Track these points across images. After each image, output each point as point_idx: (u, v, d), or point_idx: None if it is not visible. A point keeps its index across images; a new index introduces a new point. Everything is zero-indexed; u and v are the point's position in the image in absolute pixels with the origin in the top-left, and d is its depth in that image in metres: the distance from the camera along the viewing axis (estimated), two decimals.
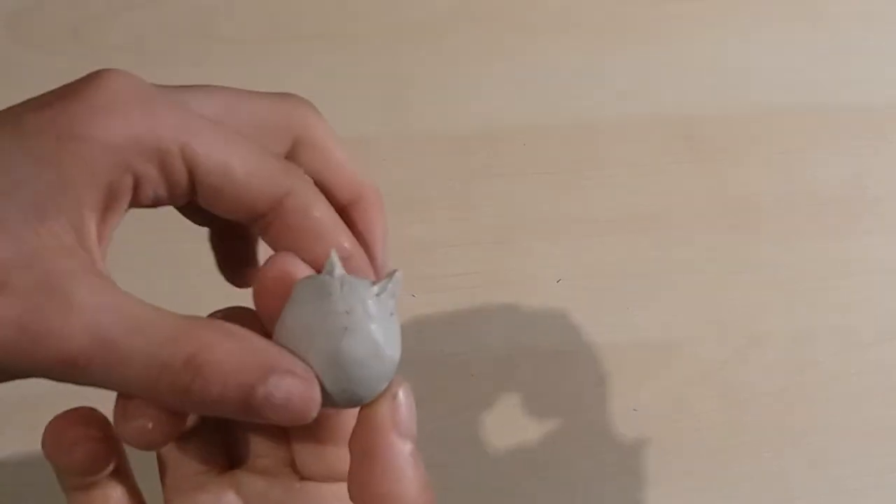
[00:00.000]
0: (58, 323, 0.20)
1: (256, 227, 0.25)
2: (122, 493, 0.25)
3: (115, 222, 0.23)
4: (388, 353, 0.23)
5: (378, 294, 0.23)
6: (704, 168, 0.54)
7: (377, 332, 0.22)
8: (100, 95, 0.22)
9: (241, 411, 0.22)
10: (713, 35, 0.57)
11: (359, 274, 0.24)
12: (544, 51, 0.56)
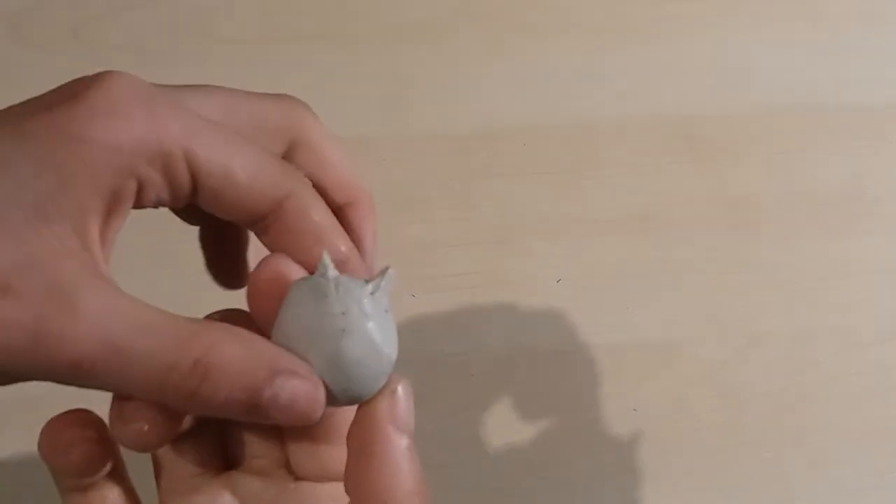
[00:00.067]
0: (65, 327, 0.20)
1: (255, 229, 0.25)
2: (118, 495, 0.25)
3: (118, 225, 0.23)
4: (385, 350, 0.23)
5: (372, 293, 0.23)
6: (704, 168, 0.54)
7: (374, 331, 0.23)
8: (101, 98, 0.22)
9: (246, 413, 0.22)
10: (713, 35, 0.57)
11: (353, 275, 0.24)
12: (544, 51, 0.56)
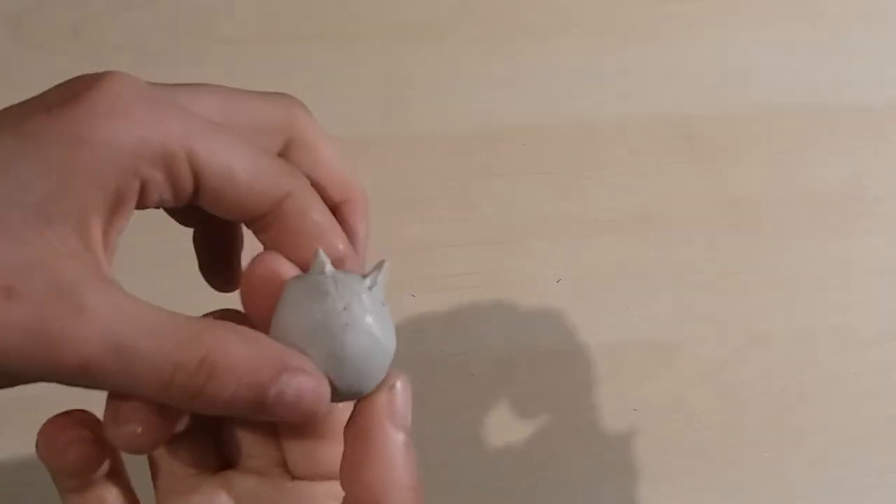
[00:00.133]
0: (70, 329, 0.20)
1: (254, 228, 0.25)
2: (116, 495, 0.25)
3: (121, 226, 0.23)
4: (385, 343, 0.23)
5: (370, 287, 0.23)
6: (704, 168, 0.54)
7: (375, 325, 0.23)
8: (102, 98, 0.22)
9: (252, 410, 0.22)
10: (713, 35, 0.57)
11: (349, 270, 0.24)
12: (544, 51, 0.56)
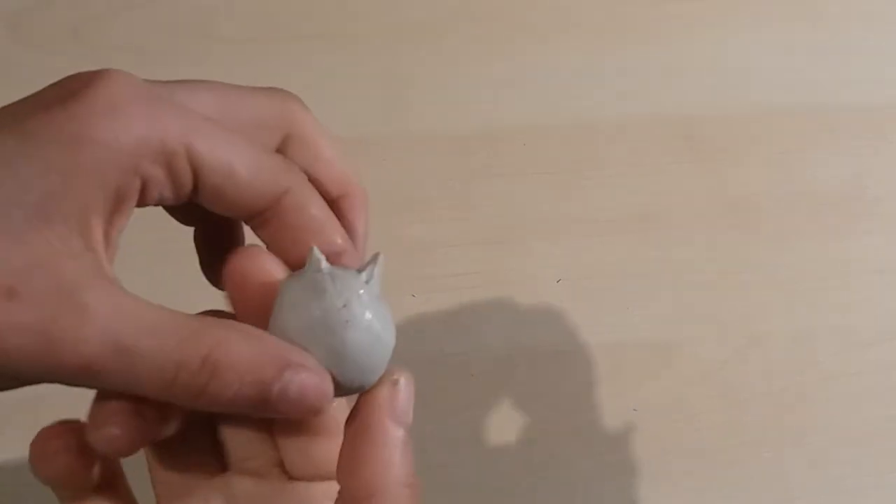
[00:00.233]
0: (72, 329, 0.20)
1: (252, 224, 0.25)
2: None
3: (122, 224, 0.23)
4: (385, 337, 0.23)
5: (367, 281, 0.23)
6: (704, 168, 0.54)
7: (374, 320, 0.23)
8: (100, 96, 0.22)
9: (255, 408, 0.22)
10: (713, 35, 0.57)
11: (346, 265, 0.25)
12: (544, 51, 0.56)
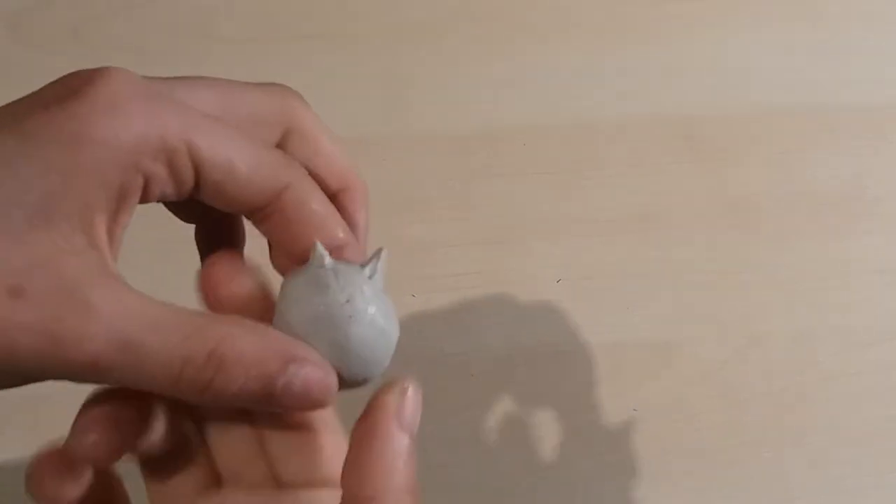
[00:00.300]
0: (78, 327, 0.20)
1: (254, 219, 0.25)
2: None
3: (126, 221, 0.23)
4: (389, 330, 0.24)
5: (370, 276, 0.24)
6: (704, 168, 0.54)
7: (378, 314, 0.23)
8: (100, 94, 0.22)
9: (260, 402, 0.22)
10: (713, 35, 0.57)
11: (349, 259, 0.25)
12: (544, 51, 0.56)
